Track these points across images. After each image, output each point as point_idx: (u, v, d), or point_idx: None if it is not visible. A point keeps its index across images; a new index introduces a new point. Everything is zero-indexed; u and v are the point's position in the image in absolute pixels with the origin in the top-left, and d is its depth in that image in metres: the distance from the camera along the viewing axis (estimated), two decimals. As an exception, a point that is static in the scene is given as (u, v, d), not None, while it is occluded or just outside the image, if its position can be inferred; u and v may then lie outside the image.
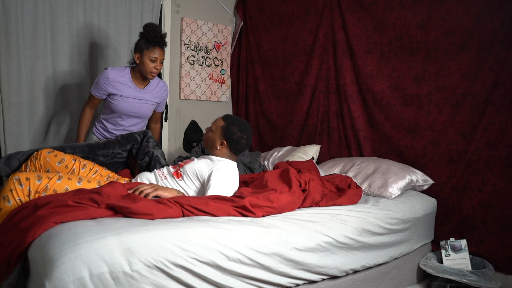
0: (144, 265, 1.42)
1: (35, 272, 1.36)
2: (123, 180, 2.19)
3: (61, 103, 3.08)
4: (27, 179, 1.73)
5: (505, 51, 2.46)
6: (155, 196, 1.87)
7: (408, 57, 2.89)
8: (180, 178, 2.08)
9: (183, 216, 1.74)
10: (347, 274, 2.07)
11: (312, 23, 3.47)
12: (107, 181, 2.07)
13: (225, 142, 2.12)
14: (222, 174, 2.03)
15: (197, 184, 2.07)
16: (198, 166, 2.08)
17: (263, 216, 1.91)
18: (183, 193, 2.02)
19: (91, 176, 2.16)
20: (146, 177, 2.11)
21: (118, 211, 1.62)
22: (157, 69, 2.53)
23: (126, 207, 1.60)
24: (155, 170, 2.18)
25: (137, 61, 2.54)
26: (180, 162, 2.20)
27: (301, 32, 3.56)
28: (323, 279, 1.97)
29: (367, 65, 3.11)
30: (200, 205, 1.77)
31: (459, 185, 2.67)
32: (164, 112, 3.54)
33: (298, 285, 1.88)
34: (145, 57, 2.49)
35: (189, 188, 2.08)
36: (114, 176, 2.26)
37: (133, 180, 2.15)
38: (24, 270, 1.42)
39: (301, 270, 1.84)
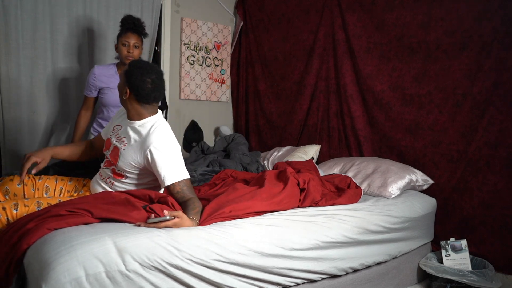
0: (139, 265, 1.42)
1: (32, 277, 1.36)
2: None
3: (61, 103, 3.08)
4: (4, 208, 1.66)
5: (505, 51, 2.45)
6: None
7: (408, 57, 2.88)
8: (124, 177, 1.90)
9: None
10: (347, 273, 2.07)
11: (312, 23, 3.47)
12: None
13: (127, 89, 1.82)
14: (161, 157, 1.78)
15: (142, 172, 1.89)
16: (131, 157, 1.84)
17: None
18: (196, 221, 1.73)
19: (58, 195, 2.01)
20: (95, 188, 1.98)
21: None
22: (129, 52, 2.54)
23: (120, 220, 1.59)
24: (97, 177, 2.00)
25: (116, 51, 2.61)
26: (107, 156, 1.94)
27: (301, 32, 3.56)
28: (323, 278, 1.97)
29: (367, 65, 3.10)
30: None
31: (459, 185, 2.66)
32: (164, 112, 3.55)
33: (297, 284, 1.88)
34: (119, 43, 2.56)
35: (140, 184, 1.92)
36: (79, 187, 2.09)
37: (90, 187, 2.03)
38: (22, 279, 1.42)
39: (300, 270, 1.84)
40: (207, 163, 2.93)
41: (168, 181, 1.79)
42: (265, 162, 3.31)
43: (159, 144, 1.80)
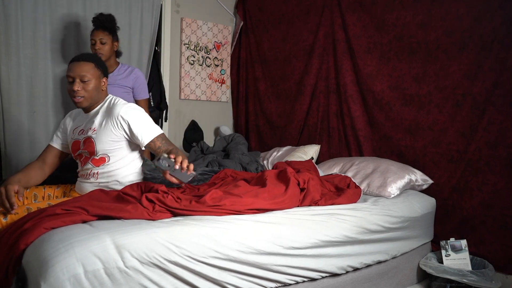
0: (138, 261, 1.43)
1: (31, 276, 1.36)
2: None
3: (61, 103, 3.09)
4: None
5: (505, 51, 2.45)
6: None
7: (408, 57, 2.88)
8: (107, 160, 1.92)
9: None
10: (347, 272, 2.07)
11: (312, 23, 3.47)
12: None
13: (105, 78, 1.99)
14: (133, 120, 1.88)
15: (122, 145, 1.94)
16: (107, 134, 1.90)
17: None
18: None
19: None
20: (82, 188, 1.99)
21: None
22: (96, 49, 2.62)
23: (117, 216, 1.59)
24: (80, 180, 2.03)
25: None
26: (80, 155, 1.97)
27: (301, 32, 3.56)
28: (323, 277, 1.97)
29: (367, 65, 3.10)
30: (194, 208, 1.75)
31: (459, 185, 2.66)
32: (164, 112, 3.55)
33: (297, 282, 1.88)
34: (90, 43, 2.67)
35: (124, 158, 1.95)
36: (67, 191, 2.10)
37: (76, 189, 2.03)
38: (21, 280, 1.42)
39: (299, 267, 1.84)
40: (206, 163, 2.92)
41: (147, 139, 1.91)
42: (265, 162, 3.31)
43: (125, 110, 1.91)
